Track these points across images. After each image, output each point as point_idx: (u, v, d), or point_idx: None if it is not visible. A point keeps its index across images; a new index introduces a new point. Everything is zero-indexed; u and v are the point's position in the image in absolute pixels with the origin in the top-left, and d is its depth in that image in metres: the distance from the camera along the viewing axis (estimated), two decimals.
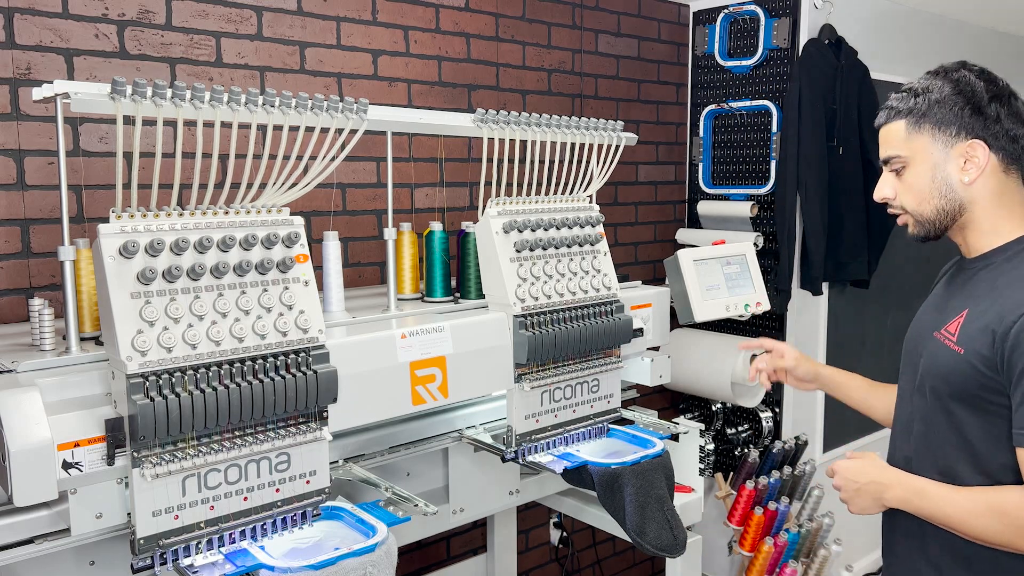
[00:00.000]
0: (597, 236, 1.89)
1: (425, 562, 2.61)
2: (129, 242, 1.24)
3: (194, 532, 1.30)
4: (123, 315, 1.22)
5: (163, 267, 1.26)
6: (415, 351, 1.60)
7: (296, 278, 1.40)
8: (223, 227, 1.34)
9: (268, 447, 1.35)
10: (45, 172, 1.84)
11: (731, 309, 2.44)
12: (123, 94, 1.27)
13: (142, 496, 1.25)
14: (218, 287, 1.31)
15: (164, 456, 1.25)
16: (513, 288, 1.72)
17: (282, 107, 1.44)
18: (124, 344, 1.21)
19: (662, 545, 1.74)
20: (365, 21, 2.34)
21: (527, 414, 1.78)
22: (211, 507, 1.31)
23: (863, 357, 3.43)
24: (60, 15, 1.84)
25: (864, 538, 3.64)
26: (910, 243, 1.58)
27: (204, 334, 1.28)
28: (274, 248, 1.38)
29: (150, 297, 1.25)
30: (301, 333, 1.38)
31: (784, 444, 3.01)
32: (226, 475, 1.33)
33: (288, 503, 1.40)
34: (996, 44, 4.05)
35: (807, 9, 2.92)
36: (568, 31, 2.87)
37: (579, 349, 1.80)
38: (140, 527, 1.25)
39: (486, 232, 1.74)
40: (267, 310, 1.36)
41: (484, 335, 1.70)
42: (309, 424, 1.40)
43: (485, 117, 1.78)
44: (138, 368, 1.22)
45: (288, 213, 1.43)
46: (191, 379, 1.26)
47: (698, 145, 3.23)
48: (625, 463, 1.75)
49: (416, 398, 1.61)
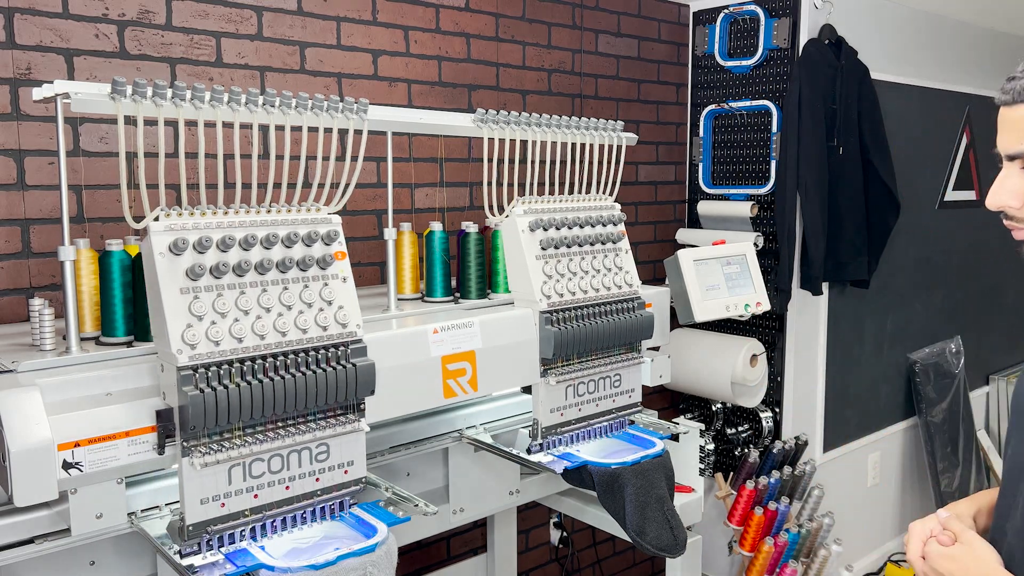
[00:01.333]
0: (619, 234, 1.93)
1: (425, 562, 2.61)
2: (179, 239, 1.26)
3: (239, 520, 1.33)
4: (173, 310, 1.25)
5: (211, 263, 1.30)
6: (446, 345, 1.64)
7: (335, 275, 1.43)
8: (266, 225, 1.38)
9: (309, 437, 1.38)
10: (45, 172, 1.85)
11: (731, 309, 2.44)
12: (123, 94, 1.27)
13: (191, 484, 1.28)
14: (261, 283, 1.35)
15: (212, 446, 1.29)
16: (539, 285, 1.76)
17: (282, 107, 1.44)
18: (175, 338, 1.24)
19: (662, 545, 1.74)
20: (365, 21, 2.34)
21: (552, 408, 1.81)
22: (255, 495, 1.34)
23: (863, 357, 3.43)
24: (60, 15, 1.84)
25: (864, 538, 3.65)
26: (910, 243, 1.47)
27: (249, 328, 1.31)
28: (314, 245, 1.42)
29: (198, 292, 1.28)
30: (340, 328, 1.41)
31: (784, 444, 3.01)
32: (269, 464, 1.36)
33: (327, 492, 1.43)
34: (996, 44, 4.06)
35: (807, 9, 2.92)
36: (568, 31, 2.87)
37: (602, 345, 1.83)
38: (189, 514, 1.28)
39: (512, 230, 1.78)
40: (308, 305, 1.39)
41: (511, 330, 1.74)
42: (348, 415, 1.43)
43: (485, 117, 1.78)
44: (188, 361, 1.25)
45: (327, 212, 1.47)
46: (237, 371, 1.29)
47: (698, 145, 3.23)
48: (625, 463, 1.76)
49: (448, 391, 1.65)
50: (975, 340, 4.15)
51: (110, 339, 1.45)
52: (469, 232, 1.93)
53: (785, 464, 3.01)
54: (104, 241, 1.46)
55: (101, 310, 1.46)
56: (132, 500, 1.41)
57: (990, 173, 4.06)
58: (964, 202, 3.89)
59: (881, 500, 3.73)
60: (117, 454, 1.27)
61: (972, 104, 3.85)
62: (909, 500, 3.89)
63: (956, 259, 3.90)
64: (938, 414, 3.78)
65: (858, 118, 2.98)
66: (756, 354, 2.90)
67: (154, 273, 1.26)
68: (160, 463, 1.33)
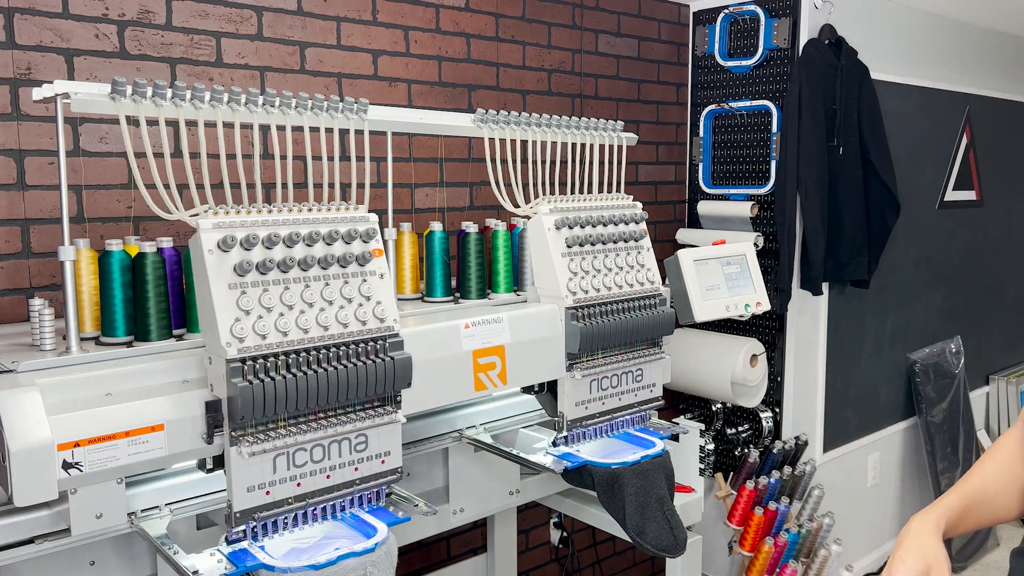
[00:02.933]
0: (641, 232, 1.96)
1: (425, 562, 2.61)
2: (228, 236, 1.30)
3: (283, 507, 1.37)
4: (222, 305, 1.29)
5: (257, 260, 1.33)
6: (477, 340, 1.69)
7: (373, 271, 1.47)
8: (308, 223, 1.41)
9: (349, 428, 1.42)
10: (45, 172, 1.85)
11: (731, 309, 2.44)
12: (123, 94, 1.28)
13: (239, 473, 1.31)
14: (304, 279, 1.39)
15: (259, 436, 1.33)
16: (565, 281, 1.79)
17: (282, 107, 1.44)
18: (224, 331, 1.28)
19: (662, 545, 1.75)
20: (365, 21, 2.34)
21: (577, 401, 1.84)
22: (298, 484, 1.38)
23: (863, 357, 3.43)
24: (60, 15, 1.84)
25: (864, 538, 3.65)
26: (910, 243, 1.50)
27: (294, 322, 1.35)
28: (353, 243, 1.45)
29: (245, 288, 1.32)
30: (378, 322, 1.46)
31: (784, 444, 3.01)
32: (311, 454, 1.40)
33: (365, 481, 1.47)
34: (996, 44, 4.06)
35: (807, 9, 2.92)
36: (568, 31, 2.87)
37: (626, 340, 1.87)
38: (236, 501, 1.32)
39: (538, 229, 1.81)
40: (348, 300, 1.43)
41: (539, 326, 1.78)
42: (385, 407, 1.48)
43: (485, 117, 1.78)
44: (237, 353, 1.28)
45: (365, 210, 1.50)
46: (283, 364, 1.33)
47: (698, 145, 3.23)
48: (625, 463, 1.77)
49: (478, 384, 1.69)
50: (975, 340, 4.15)
51: (110, 339, 1.45)
52: (469, 232, 1.93)
53: (785, 464, 3.01)
54: (104, 241, 1.46)
55: (101, 310, 1.46)
56: (132, 500, 1.41)
57: (990, 173, 4.07)
58: (964, 202, 3.89)
59: (881, 500, 3.73)
60: (117, 454, 1.27)
61: (972, 104, 3.86)
62: (909, 500, 3.89)
63: (956, 259, 3.90)
64: (938, 414, 3.78)
65: (858, 118, 2.98)
66: (756, 354, 2.90)
67: (203, 269, 1.29)
68: (161, 463, 1.33)
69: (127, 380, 1.34)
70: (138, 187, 1.30)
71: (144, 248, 1.45)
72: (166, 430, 1.30)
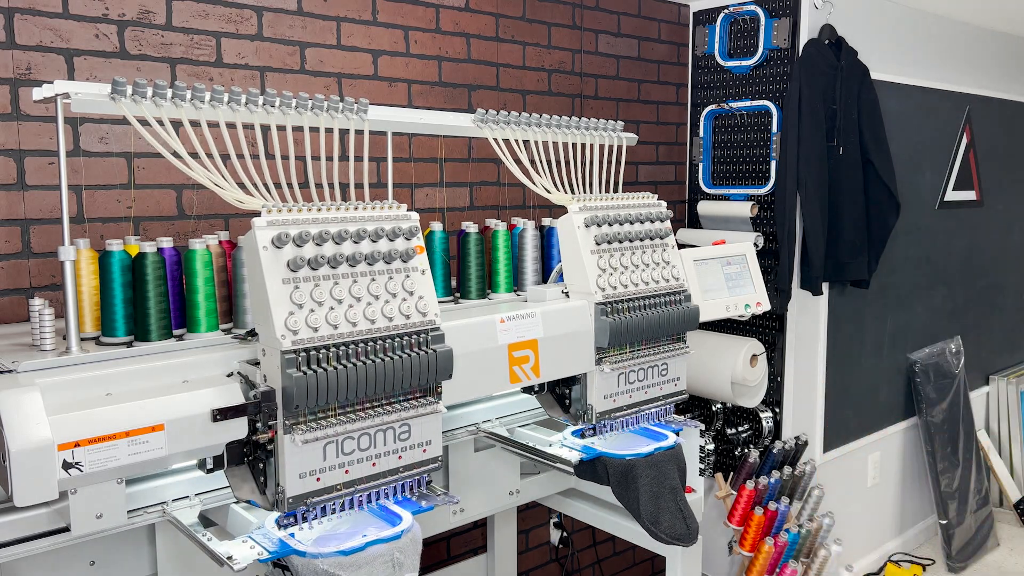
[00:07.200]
0: (666, 230, 2.01)
1: (425, 562, 2.61)
2: (282, 233, 1.35)
3: (333, 493, 1.43)
4: (277, 299, 1.35)
5: (309, 256, 1.38)
6: (512, 334, 1.74)
7: (415, 267, 1.53)
8: (355, 221, 1.46)
9: (395, 417, 1.47)
10: (45, 172, 1.85)
11: (731, 309, 2.44)
12: (123, 94, 1.28)
13: (292, 460, 1.37)
14: (352, 274, 1.44)
15: (311, 424, 1.38)
16: (594, 278, 1.84)
17: (282, 107, 1.45)
18: (279, 324, 1.34)
19: (676, 534, 1.80)
20: (365, 21, 2.34)
21: (606, 394, 1.89)
22: (346, 471, 1.44)
23: (863, 357, 3.43)
24: (60, 15, 1.84)
25: (864, 538, 3.65)
26: (910, 243, 1.53)
27: (343, 316, 1.41)
28: (397, 240, 1.51)
29: (298, 283, 1.37)
30: (421, 316, 1.51)
31: (784, 444, 3.01)
32: (359, 442, 1.45)
33: (408, 468, 1.52)
34: (996, 44, 4.06)
35: (807, 9, 2.92)
36: (568, 31, 2.88)
37: (653, 335, 1.92)
38: (289, 487, 1.37)
39: (569, 227, 1.86)
40: (392, 295, 1.48)
41: (570, 321, 1.83)
42: (427, 398, 1.53)
43: (485, 117, 1.78)
44: (291, 345, 1.34)
45: (406, 209, 1.55)
46: (334, 355, 1.39)
47: (698, 145, 3.23)
48: (640, 454, 1.83)
49: (513, 377, 1.75)
50: (975, 340, 4.15)
51: (110, 339, 1.45)
52: (469, 232, 1.93)
53: (785, 464, 3.01)
54: (104, 241, 1.47)
55: (101, 310, 1.46)
56: (144, 495, 1.42)
57: (990, 173, 4.07)
58: (964, 202, 3.89)
59: (881, 500, 3.73)
60: (117, 454, 1.27)
61: (972, 104, 3.86)
62: (909, 500, 3.89)
63: (956, 259, 3.90)
64: (938, 414, 3.78)
65: (858, 118, 2.98)
66: (756, 354, 2.90)
67: (258, 265, 1.35)
68: (163, 463, 1.33)
69: (127, 380, 1.34)
70: (202, 185, 1.37)
71: (144, 248, 1.46)
72: (166, 430, 1.30)
